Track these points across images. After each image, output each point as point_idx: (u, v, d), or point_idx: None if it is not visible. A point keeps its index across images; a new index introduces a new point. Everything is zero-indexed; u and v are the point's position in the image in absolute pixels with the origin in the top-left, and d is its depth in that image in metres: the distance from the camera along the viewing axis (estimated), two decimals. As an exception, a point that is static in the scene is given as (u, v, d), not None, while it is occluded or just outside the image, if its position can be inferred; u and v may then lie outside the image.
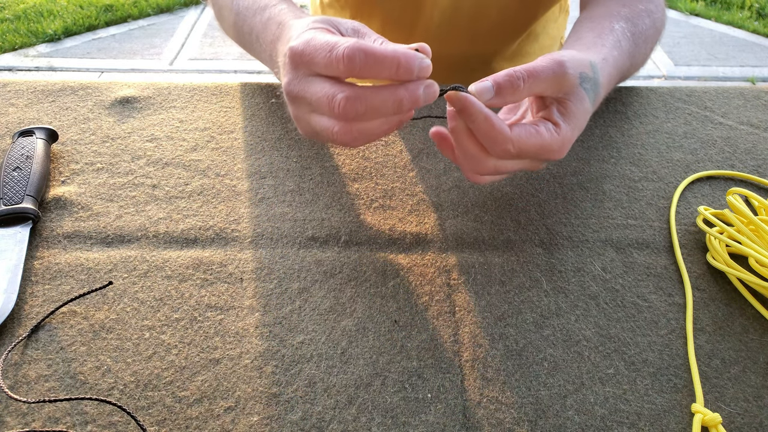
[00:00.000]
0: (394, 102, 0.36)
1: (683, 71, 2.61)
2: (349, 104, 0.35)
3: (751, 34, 2.89)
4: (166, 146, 0.53)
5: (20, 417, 0.34)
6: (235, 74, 2.57)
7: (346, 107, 0.35)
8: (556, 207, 0.49)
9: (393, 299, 0.41)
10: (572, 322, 0.40)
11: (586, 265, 0.44)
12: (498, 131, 0.38)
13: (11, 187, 0.46)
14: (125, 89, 0.60)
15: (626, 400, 0.36)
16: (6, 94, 0.59)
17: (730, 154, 0.55)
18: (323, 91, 0.37)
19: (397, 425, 0.35)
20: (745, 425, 0.35)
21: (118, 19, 2.91)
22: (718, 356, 0.39)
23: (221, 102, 0.59)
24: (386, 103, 0.36)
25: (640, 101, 0.61)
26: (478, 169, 0.42)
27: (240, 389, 0.36)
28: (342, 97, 0.36)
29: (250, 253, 0.44)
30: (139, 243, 0.45)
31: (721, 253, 0.43)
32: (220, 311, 0.40)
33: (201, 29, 2.90)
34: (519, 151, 0.39)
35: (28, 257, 0.43)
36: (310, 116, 0.39)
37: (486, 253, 0.45)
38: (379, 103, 0.36)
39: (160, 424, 0.34)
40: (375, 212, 0.48)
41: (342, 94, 0.36)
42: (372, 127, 0.38)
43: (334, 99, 0.36)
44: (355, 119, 0.37)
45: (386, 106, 0.36)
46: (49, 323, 0.39)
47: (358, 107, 0.35)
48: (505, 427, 0.35)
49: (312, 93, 0.38)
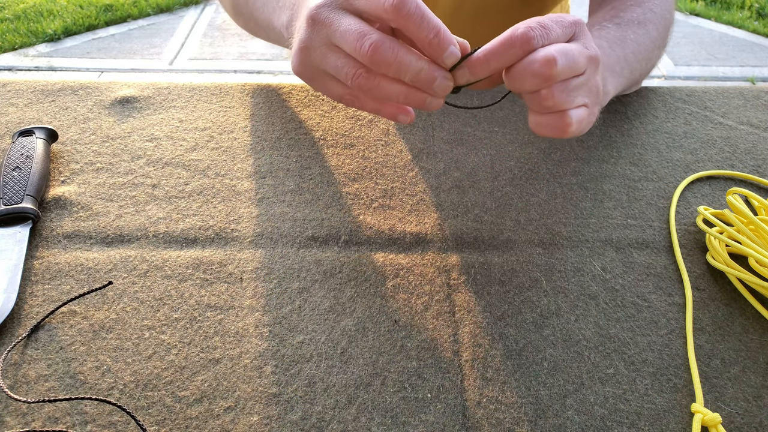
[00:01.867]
0: (416, 68, 0.35)
1: (683, 71, 2.61)
2: (380, 48, 0.34)
3: (751, 34, 2.89)
4: (165, 146, 0.53)
5: (20, 417, 0.34)
6: (235, 74, 2.57)
7: (376, 48, 0.35)
8: (556, 207, 0.49)
9: (393, 299, 0.41)
10: (572, 321, 0.40)
11: (586, 265, 0.44)
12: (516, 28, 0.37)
13: (11, 187, 0.46)
14: (125, 89, 0.59)
15: (626, 400, 0.36)
16: (6, 94, 0.58)
17: (730, 154, 0.55)
18: (356, 26, 0.36)
19: (397, 425, 0.35)
20: (745, 425, 0.35)
21: (117, 18, 2.91)
22: (718, 356, 0.39)
23: (221, 102, 0.59)
24: (410, 65, 0.35)
25: (640, 101, 0.61)
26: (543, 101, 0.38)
27: (240, 389, 0.36)
28: (376, 38, 0.35)
29: (249, 252, 0.44)
30: (139, 243, 0.45)
31: (721, 253, 0.43)
32: (219, 311, 0.40)
33: (201, 29, 2.90)
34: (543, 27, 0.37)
35: (28, 257, 0.43)
36: (327, 49, 0.37)
37: (486, 253, 0.45)
38: (406, 62, 0.35)
39: (160, 424, 0.34)
40: (375, 212, 0.48)
41: (376, 35, 0.35)
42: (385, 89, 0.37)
43: (365, 37, 0.35)
44: (379, 66, 0.36)
45: (409, 69, 0.35)
46: (49, 323, 0.39)
47: (387, 55, 0.35)
48: (505, 427, 0.35)
49: (342, 24, 0.36)
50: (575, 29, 0.39)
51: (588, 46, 0.39)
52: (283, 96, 0.60)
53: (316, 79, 0.40)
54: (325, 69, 0.38)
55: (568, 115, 0.39)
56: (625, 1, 0.58)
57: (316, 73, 0.40)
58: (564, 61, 0.37)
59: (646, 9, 0.57)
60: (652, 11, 0.57)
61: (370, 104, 0.40)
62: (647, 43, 0.55)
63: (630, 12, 0.56)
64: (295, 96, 0.60)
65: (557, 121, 0.39)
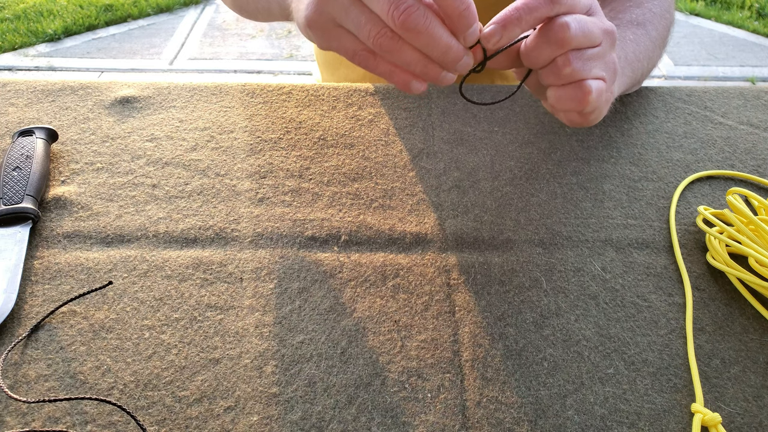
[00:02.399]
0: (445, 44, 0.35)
1: (683, 71, 2.61)
2: (413, 15, 0.34)
3: (751, 34, 2.89)
4: (165, 146, 0.53)
5: (20, 417, 0.34)
6: (235, 74, 2.57)
7: (409, 14, 0.33)
8: (556, 207, 0.49)
9: (393, 299, 0.41)
10: (572, 321, 0.40)
11: (586, 265, 0.44)
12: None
13: (11, 187, 0.46)
14: (125, 89, 0.59)
15: (626, 400, 0.36)
16: (6, 94, 0.59)
17: (730, 154, 0.55)
18: None
19: (397, 425, 0.35)
20: (744, 425, 0.35)
21: (117, 18, 2.91)
22: (718, 356, 0.39)
23: (221, 102, 0.59)
24: (440, 40, 0.35)
25: (640, 101, 0.61)
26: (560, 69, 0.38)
27: (240, 389, 0.36)
28: (411, 2, 0.34)
29: (249, 253, 0.44)
30: (139, 243, 0.45)
31: (721, 253, 0.43)
32: (219, 311, 0.40)
33: (201, 29, 2.90)
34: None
35: (28, 257, 0.43)
36: (351, 2, 0.36)
37: (486, 253, 0.45)
38: (437, 36, 0.35)
39: (160, 424, 0.34)
40: (375, 212, 0.48)
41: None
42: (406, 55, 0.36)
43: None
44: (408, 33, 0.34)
45: (439, 44, 0.35)
46: (49, 323, 0.39)
47: (419, 23, 0.34)
48: (505, 426, 0.35)
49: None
50: (591, 4, 0.40)
51: (603, 21, 0.40)
52: (283, 96, 0.60)
53: (328, 31, 0.38)
54: (344, 23, 0.37)
55: (587, 84, 0.38)
56: (624, 2, 0.58)
57: (330, 25, 0.38)
58: (577, 26, 0.37)
59: (645, 9, 0.57)
60: (651, 11, 0.57)
61: (383, 66, 0.38)
62: (647, 43, 0.55)
63: (629, 13, 0.56)
64: (295, 96, 0.60)
65: (576, 91, 0.38)
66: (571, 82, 0.39)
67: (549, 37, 0.37)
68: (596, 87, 0.39)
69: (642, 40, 0.55)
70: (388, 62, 0.38)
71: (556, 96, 0.39)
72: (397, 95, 0.60)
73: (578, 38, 0.37)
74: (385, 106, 0.59)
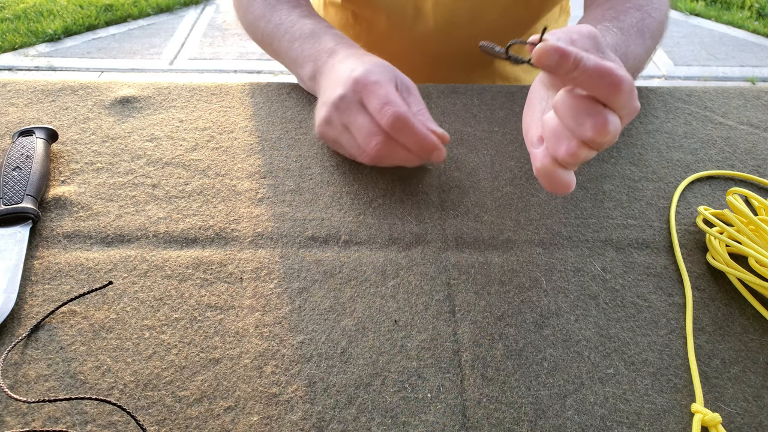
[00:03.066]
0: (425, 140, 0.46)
1: (683, 71, 2.61)
2: (396, 118, 0.45)
3: (751, 34, 2.89)
4: (166, 146, 0.53)
5: (20, 417, 0.34)
6: (235, 74, 2.57)
7: (394, 117, 0.45)
8: (556, 207, 0.49)
9: (393, 299, 0.41)
10: (572, 322, 0.40)
11: (586, 265, 0.44)
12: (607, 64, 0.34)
13: (11, 187, 0.46)
14: (125, 89, 0.60)
15: (626, 400, 0.36)
16: (6, 94, 0.59)
17: (730, 154, 0.55)
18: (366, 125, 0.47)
19: (397, 425, 0.35)
20: (745, 425, 0.35)
21: (117, 18, 2.91)
22: (718, 356, 0.39)
23: (221, 102, 0.59)
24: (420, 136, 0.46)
25: (640, 101, 0.61)
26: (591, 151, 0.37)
27: (240, 389, 0.36)
28: (391, 111, 0.45)
29: (250, 252, 0.44)
30: (139, 243, 0.45)
31: (721, 253, 0.43)
32: (219, 311, 0.40)
33: (201, 29, 2.90)
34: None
35: (28, 257, 0.43)
36: (356, 117, 0.47)
37: (486, 253, 0.45)
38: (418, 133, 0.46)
39: (160, 424, 0.34)
40: (375, 212, 0.48)
41: (392, 109, 0.46)
42: (395, 154, 0.48)
43: (384, 108, 0.46)
44: (395, 132, 0.46)
45: (418, 139, 0.46)
46: (49, 323, 0.39)
47: (401, 123, 0.45)
48: (505, 426, 0.35)
49: (358, 120, 0.48)
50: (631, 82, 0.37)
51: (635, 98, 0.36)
52: (283, 96, 0.60)
53: (337, 138, 0.50)
54: (345, 130, 0.49)
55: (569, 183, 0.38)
56: (624, 2, 0.58)
57: (337, 135, 0.50)
58: (608, 142, 0.36)
59: (645, 14, 0.57)
60: (651, 16, 0.57)
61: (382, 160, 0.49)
62: (642, 54, 0.56)
63: (630, 16, 0.56)
64: (295, 96, 0.60)
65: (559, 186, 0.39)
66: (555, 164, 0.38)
67: (584, 123, 0.35)
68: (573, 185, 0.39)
69: (639, 51, 0.55)
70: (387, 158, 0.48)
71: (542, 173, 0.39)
72: (397, 95, 0.60)
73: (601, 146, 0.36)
74: (385, 106, 0.59)
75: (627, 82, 0.34)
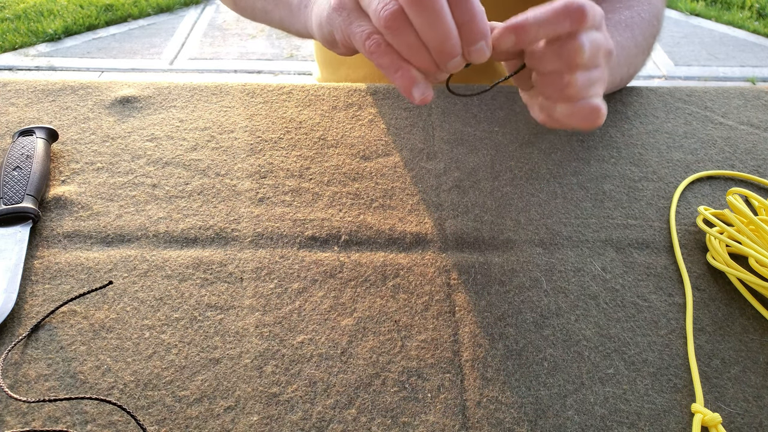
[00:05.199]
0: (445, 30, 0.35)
1: (683, 71, 2.61)
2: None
3: (751, 34, 2.89)
4: (166, 146, 0.53)
5: (20, 416, 0.34)
6: (235, 74, 2.57)
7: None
8: (556, 207, 0.49)
9: (393, 299, 0.41)
10: (572, 322, 0.40)
11: (586, 265, 0.44)
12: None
13: (11, 187, 0.46)
14: (125, 89, 0.60)
15: (626, 400, 0.36)
16: (6, 94, 0.59)
17: (730, 154, 0.55)
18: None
19: (397, 425, 0.35)
20: (745, 425, 0.35)
21: (118, 18, 2.91)
22: (718, 356, 0.39)
23: (221, 102, 0.59)
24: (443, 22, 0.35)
25: (640, 101, 0.61)
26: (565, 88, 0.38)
27: (240, 389, 0.36)
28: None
29: (250, 252, 0.44)
30: (139, 242, 0.45)
31: (721, 253, 0.43)
32: (220, 311, 0.40)
33: (201, 29, 2.90)
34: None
35: (28, 257, 0.43)
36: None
37: (486, 253, 0.45)
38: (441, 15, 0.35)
39: (160, 424, 0.34)
40: (375, 212, 0.48)
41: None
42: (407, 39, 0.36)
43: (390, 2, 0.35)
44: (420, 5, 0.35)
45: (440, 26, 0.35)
46: (49, 323, 0.39)
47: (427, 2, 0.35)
48: (505, 426, 0.35)
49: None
50: (601, 19, 0.39)
51: (608, 39, 0.39)
52: (284, 96, 0.60)
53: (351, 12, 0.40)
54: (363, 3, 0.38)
55: (601, 109, 0.38)
56: (614, 2, 0.58)
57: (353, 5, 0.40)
58: (590, 50, 0.37)
59: (634, 13, 0.57)
60: (640, 16, 0.57)
61: (387, 58, 0.38)
62: (632, 47, 0.55)
63: (618, 14, 0.56)
64: (295, 96, 0.60)
65: (589, 113, 0.38)
66: (572, 100, 0.38)
67: (561, 54, 0.36)
68: (604, 108, 0.39)
69: (627, 44, 0.54)
70: (393, 54, 0.38)
71: (567, 113, 0.39)
72: (397, 95, 0.60)
73: (588, 62, 0.37)
74: (385, 106, 0.59)
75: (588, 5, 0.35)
